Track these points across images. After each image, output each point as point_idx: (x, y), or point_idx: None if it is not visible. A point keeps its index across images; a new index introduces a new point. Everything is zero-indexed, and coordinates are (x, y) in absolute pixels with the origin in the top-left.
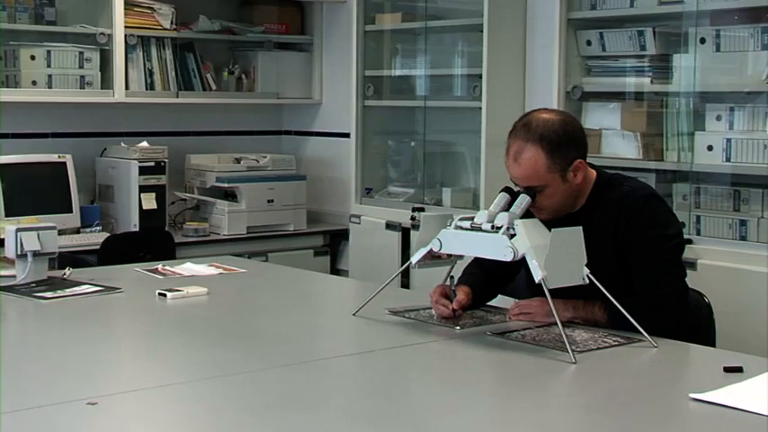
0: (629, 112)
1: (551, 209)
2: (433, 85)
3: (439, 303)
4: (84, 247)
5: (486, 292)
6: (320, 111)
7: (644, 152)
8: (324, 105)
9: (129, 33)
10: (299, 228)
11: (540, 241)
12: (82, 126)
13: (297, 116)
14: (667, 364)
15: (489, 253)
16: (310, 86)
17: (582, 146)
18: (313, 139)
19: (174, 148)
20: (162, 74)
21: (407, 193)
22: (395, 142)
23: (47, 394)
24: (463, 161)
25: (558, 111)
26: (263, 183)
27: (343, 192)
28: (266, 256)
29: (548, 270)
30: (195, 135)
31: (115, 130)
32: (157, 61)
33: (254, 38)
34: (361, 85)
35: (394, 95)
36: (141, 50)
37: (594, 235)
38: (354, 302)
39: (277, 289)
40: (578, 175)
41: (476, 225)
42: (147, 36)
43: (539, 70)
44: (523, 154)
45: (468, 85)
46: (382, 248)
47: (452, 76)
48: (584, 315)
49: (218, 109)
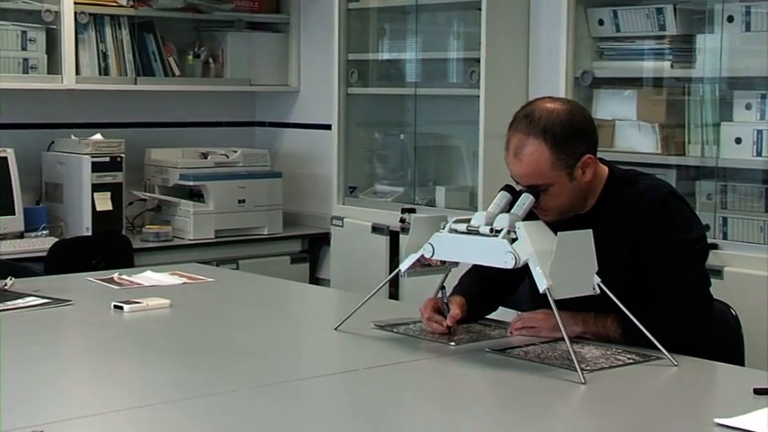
0: (646, 100)
1: (557, 210)
2: (424, 71)
3: (432, 320)
4: (29, 253)
5: (484, 304)
6: (298, 99)
7: (663, 146)
8: (302, 93)
9: (79, 11)
10: (274, 231)
11: (545, 246)
12: (25, 116)
13: (271, 105)
14: (689, 384)
15: (488, 259)
16: (286, 72)
17: (591, 139)
18: (290, 131)
19: (132, 141)
20: (117, 57)
21: (396, 192)
22: (382, 135)
23: None
24: (459, 156)
25: (564, 99)
26: (233, 181)
27: (323, 191)
28: (237, 264)
29: (553, 279)
30: (156, 126)
31: (64, 120)
32: (112, 42)
33: (223, 16)
34: (343, 70)
35: (381, 82)
36: (94, 30)
37: (606, 239)
38: (336, 315)
39: (249, 300)
40: (587, 172)
41: (473, 228)
42: (101, 14)
43: (544, 53)
44: (525, 149)
45: (464, 70)
46: (368, 254)
47: (447, 60)
48: (595, 329)
49: (182, 97)
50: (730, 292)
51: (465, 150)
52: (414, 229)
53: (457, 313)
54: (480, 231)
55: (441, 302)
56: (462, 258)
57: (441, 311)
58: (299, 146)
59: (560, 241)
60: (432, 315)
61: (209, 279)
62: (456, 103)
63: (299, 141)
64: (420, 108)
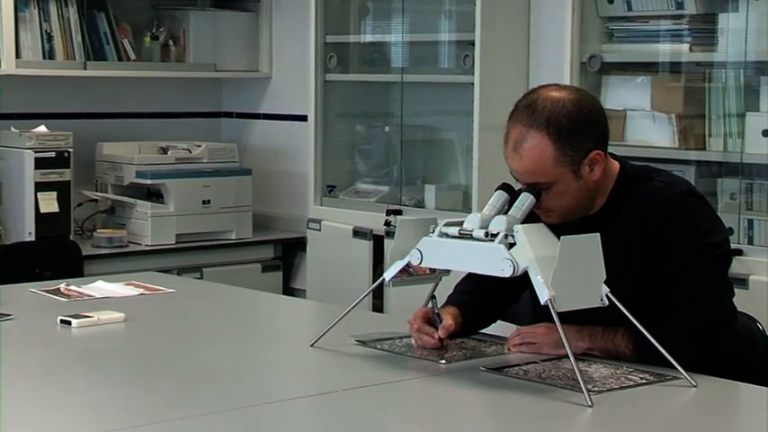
0: (661, 87)
1: (561, 211)
2: (412, 55)
3: (422, 332)
4: None
5: (481, 316)
6: (269, 87)
7: (680, 139)
8: (274, 80)
9: None
10: (243, 236)
11: (547, 252)
12: None
13: (240, 94)
14: (709, 408)
15: (482, 267)
16: (257, 56)
17: (600, 132)
18: (260, 123)
19: (81, 134)
20: (64, 39)
21: (380, 191)
22: (364, 127)
23: None
24: (451, 151)
25: (572, 88)
26: (196, 179)
27: (298, 190)
28: (201, 272)
29: (556, 289)
30: (108, 118)
31: (3, 110)
32: (58, 22)
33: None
34: (321, 54)
35: (363, 68)
36: (36, 8)
37: (616, 243)
38: (313, 330)
39: (215, 314)
40: (595, 169)
41: (465, 232)
42: None
43: (546, 35)
44: (525, 143)
45: (456, 54)
46: (348, 262)
47: (437, 42)
48: (604, 345)
49: (138, 85)
50: (756, 303)
51: (458, 144)
52: (400, 233)
53: (450, 324)
54: (474, 235)
55: (431, 313)
56: (454, 266)
57: (432, 323)
58: (271, 139)
59: (564, 246)
60: (422, 327)
61: (169, 290)
62: (447, 91)
63: (270, 134)
64: (407, 97)
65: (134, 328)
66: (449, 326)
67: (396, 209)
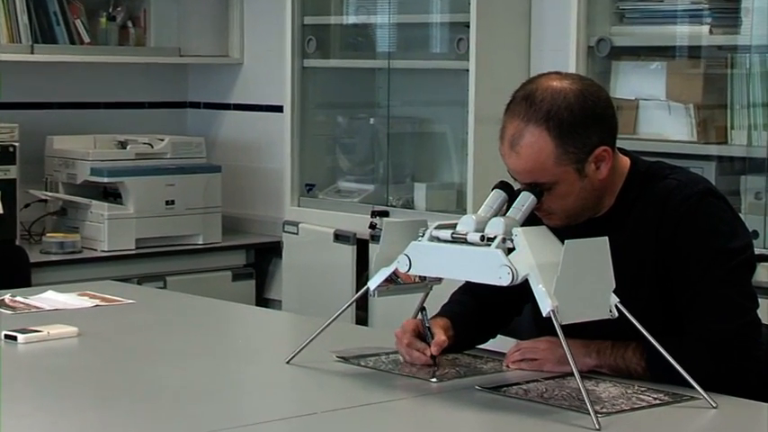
0: (678, 74)
1: (565, 213)
2: (400, 38)
3: (412, 347)
4: None
5: (476, 330)
6: (240, 74)
7: (699, 132)
8: (246, 66)
9: None
10: (212, 240)
11: (550, 257)
12: None
13: (207, 82)
14: (730, 430)
15: (478, 274)
16: (226, 39)
17: (607, 126)
18: (231, 114)
19: (29, 126)
20: (8, 19)
21: (365, 190)
22: (347, 119)
23: None
24: (443, 146)
25: (575, 76)
26: (158, 176)
27: (273, 189)
28: (164, 281)
29: (560, 299)
30: (59, 108)
31: None
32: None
33: None
34: (298, 37)
35: (345, 52)
36: None
37: (627, 248)
38: (289, 345)
39: (180, 327)
40: (602, 166)
41: (459, 235)
42: None
43: (550, 16)
44: (523, 139)
45: (449, 37)
46: (329, 269)
47: (428, 24)
48: (613, 362)
49: (93, 71)
50: None
51: (451, 138)
52: (386, 238)
53: (443, 340)
54: (468, 239)
55: (422, 326)
56: (446, 273)
57: (423, 338)
58: (242, 133)
59: (568, 251)
60: (412, 341)
61: (128, 301)
62: (439, 78)
63: (242, 127)
64: (394, 85)
65: (88, 343)
66: (441, 342)
67: (382, 210)
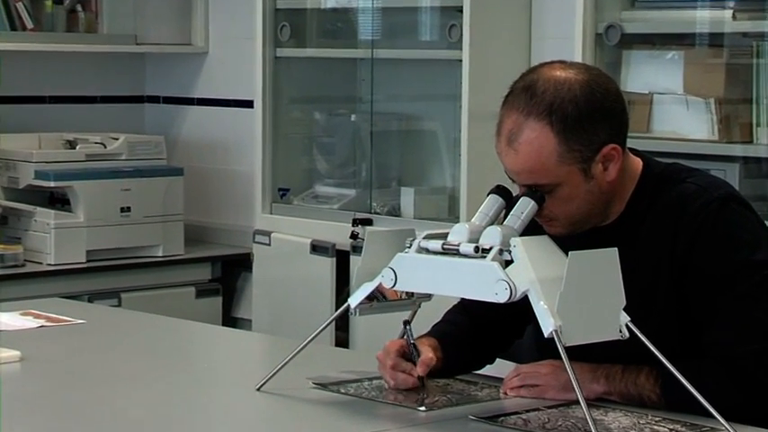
0: (697, 65)
1: (568, 219)
2: (385, 25)
3: (396, 370)
4: None
5: (472, 353)
6: (206, 65)
7: (721, 129)
8: (211, 56)
9: None
10: (173, 252)
11: (552, 271)
12: None
13: (168, 73)
14: None
15: (472, 290)
16: (189, 26)
17: (616, 122)
18: (194, 110)
19: None
20: None
21: (345, 196)
22: (325, 115)
23: None
24: (433, 145)
25: (581, 66)
26: (112, 180)
27: (243, 195)
28: (119, 298)
29: (564, 317)
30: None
31: None
32: None
33: None
34: (270, 23)
35: (323, 41)
36: None
37: (639, 261)
38: (260, 370)
39: (137, 350)
40: (610, 167)
41: (451, 246)
42: None
43: (552, 0)
44: (522, 135)
45: (441, 23)
46: (305, 284)
47: (416, 9)
48: (624, 388)
49: (38, 61)
50: None
51: (442, 137)
52: (369, 249)
53: (430, 358)
54: (461, 251)
55: (407, 346)
56: (436, 289)
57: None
58: (207, 131)
59: (573, 264)
60: (397, 363)
61: (77, 321)
62: (429, 70)
63: (207, 124)
64: (379, 77)
65: (32, 369)
66: (428, 360)
67: (364, 218)
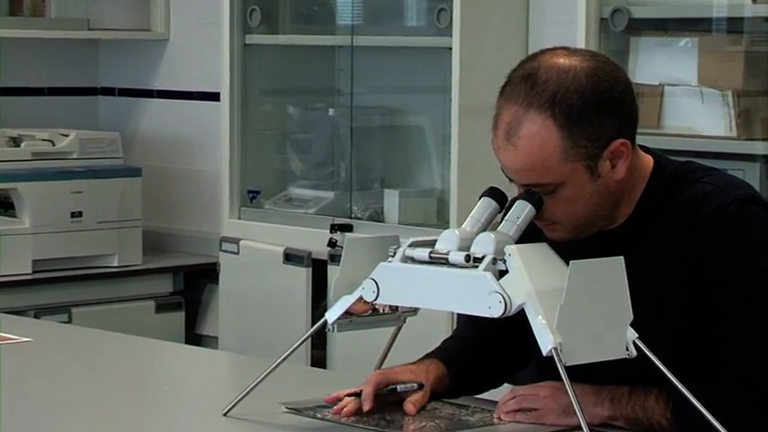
0: (713, 53)
1: (572, 223)
2: (367, 9)
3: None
4: None
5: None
6: (166, 53)
7: (740, 125)
8: (173, 43)
9: None
10: (130, 262)
11: (551, 282)
12: None
13: (124, 62)
14: None
15: (462, 303)
16: (147, 9)
17: (626, 114)
18: (153, 103)
19: None
20: None
21: (323, 199)
22: (300, 109)
23: None
24: (420, 143)
25: (584, 52)
26: (62, 181)
27: (208, 198)
28: (69, 314)
29: (564, 334)
30: None
31: None
32: None
33: None
34: (239, 7)
35: (298, 26)
36: None
37: (649, 269)
38: (227, 393)
39: (89, 371)
40: (619, 164)
41: (439, 255)
42: None
43: None
44: (522, 129)
45: (428, 7)
46: (278, 297)
47: None
48: (631, 412)
49: None
50: None
51: (430, 134)
52: (348, 258)
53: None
54: (451, 260)
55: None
56: (423, 303)
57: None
58: (168, 126)
59: (575, 274)
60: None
61: (22, 339)
62: (415, 59)
63: (168, 119)
64: (360, 67)
65: None
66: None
67: (344, 223)
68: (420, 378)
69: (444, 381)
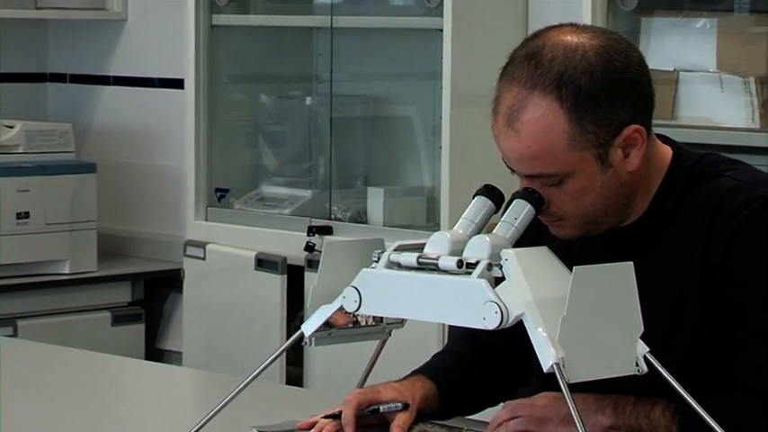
0: (733, 35)
1: (580, 218)
2: None
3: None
4: None
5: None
6: (123, 35)
7: (763, 115)
8: (131, 25)
9: None
10: (84, 269)
11: (553, 290)
12: None
13: (76, 46)
14: None
15: (454, 315)
16: None
17: (640, 97)
18: (110, 91)
19: None
20: None
21: (299, 198)
22: (274, 98)
23: None
24: (408, 135)
25: (596, 29)
26: (7, 178)
27: (171, 197)
28: (14, 327)
29: (567, 347)
30: None
31: None
32: None
33: None
34: None
35: (271, 5)
36: None
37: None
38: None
39: (37, 390)
40: (633, 153)
41: (428, 260)
42: None
43: None
44: (526, 113)
45: None
46: (248, 307)
47: None
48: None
49: None
50: None
51: (418, 124)
52: (327, 263)
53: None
54: (441, 265)
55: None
56: (410, 313)
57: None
58: (126, 117)
59: (579, 281)
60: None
61: None
62: (402, 41)
63: (126, 109)
64: (340, 51)
65: None
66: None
67: (322, 225)
68: (405, 397)
69: (433, 400)
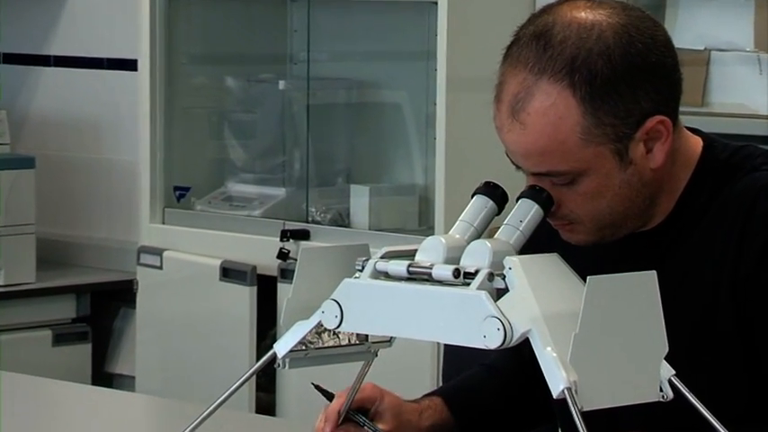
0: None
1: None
2: None
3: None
4: None
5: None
6: (66, 9)
7: None
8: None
9: None
10: (20, 280)
11: (563, 303)
12: None
13: (13, 22)
14: None
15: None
16: None
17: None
18: (51, 72)
19: None
20: None
21: (271, 197)
22: (242, 82)
23: None
24: (398, 125)
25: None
26: None
27: (123, 196)
28: None
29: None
30: None
31: None
32: None
33: None
34: None
35: None
36: None
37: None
38: None
39: None
40: (657, 148)
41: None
42: None
43: None
44: (533, 102)
45: None
46: (213, 324)
47: None
48: None
49: None
50: None
51: (409, 113)
52: (304, 273)
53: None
54: (435, 275)
55: None
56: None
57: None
58: (70, 104)
59: (593, 293)
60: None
61: None
62: (391, 17)
63: (69, 94)
64: (318, 27)
65: None
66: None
67: (298, 229)
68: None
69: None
